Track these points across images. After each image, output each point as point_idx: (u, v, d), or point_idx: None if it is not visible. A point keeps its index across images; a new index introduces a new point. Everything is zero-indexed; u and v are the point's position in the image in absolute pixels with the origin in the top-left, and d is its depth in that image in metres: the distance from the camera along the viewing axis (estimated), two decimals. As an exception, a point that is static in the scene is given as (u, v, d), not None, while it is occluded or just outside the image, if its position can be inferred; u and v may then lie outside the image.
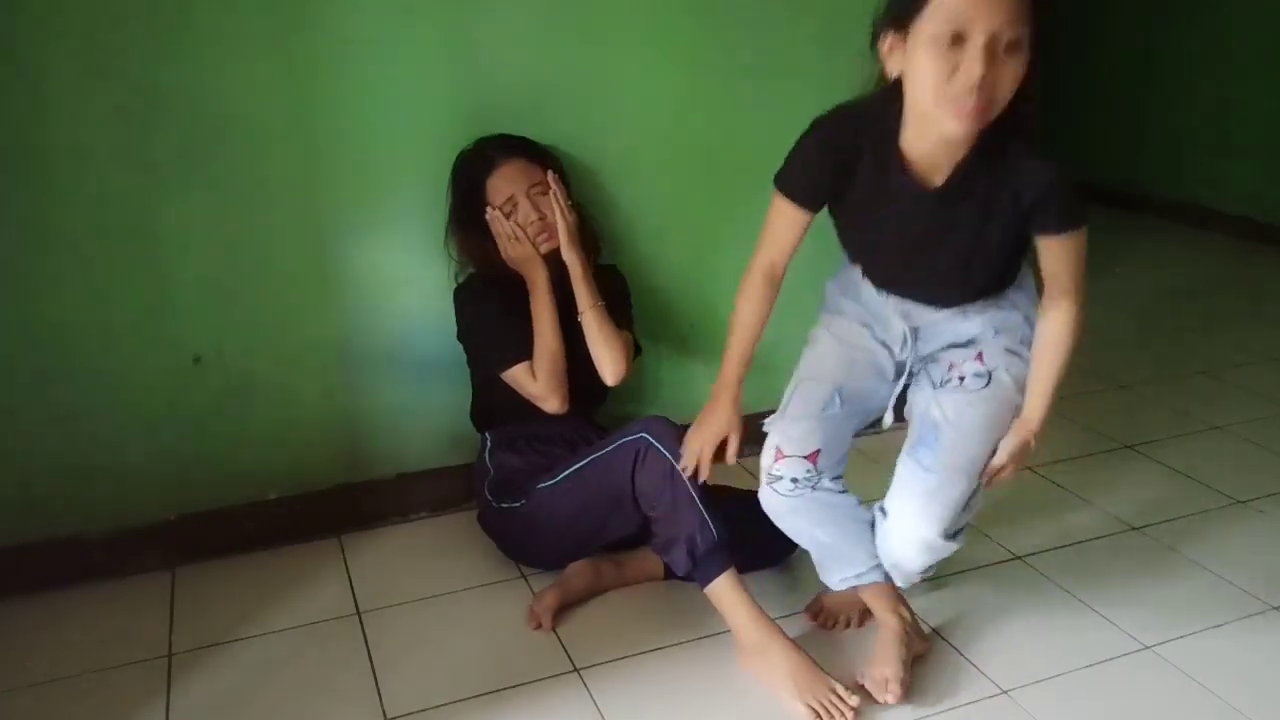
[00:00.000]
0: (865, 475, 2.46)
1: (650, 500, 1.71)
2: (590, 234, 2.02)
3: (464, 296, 1.99)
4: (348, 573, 2.02)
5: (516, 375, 1.92)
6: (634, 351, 2.08)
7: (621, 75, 2.10)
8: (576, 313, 1.96)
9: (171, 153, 1.81)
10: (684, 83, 2.17)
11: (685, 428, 1.75)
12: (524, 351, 1.92)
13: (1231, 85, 4.75)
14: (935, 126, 1.37)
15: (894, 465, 2.48)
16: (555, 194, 1.90)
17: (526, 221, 1.89)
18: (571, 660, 1.76)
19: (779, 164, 2.31)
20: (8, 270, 1.78)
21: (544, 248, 1.92)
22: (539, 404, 1.93)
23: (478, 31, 1.95)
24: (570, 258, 1.92)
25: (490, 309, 1.95)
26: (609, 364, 1.95)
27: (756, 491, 2.11)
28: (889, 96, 1.42)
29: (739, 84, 2.21)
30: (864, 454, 2.58)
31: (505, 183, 1.90)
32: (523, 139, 1.96)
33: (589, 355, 2.04)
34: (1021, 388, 1.63)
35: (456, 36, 1.94)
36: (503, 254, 1.93)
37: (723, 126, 2.23)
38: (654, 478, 1.70)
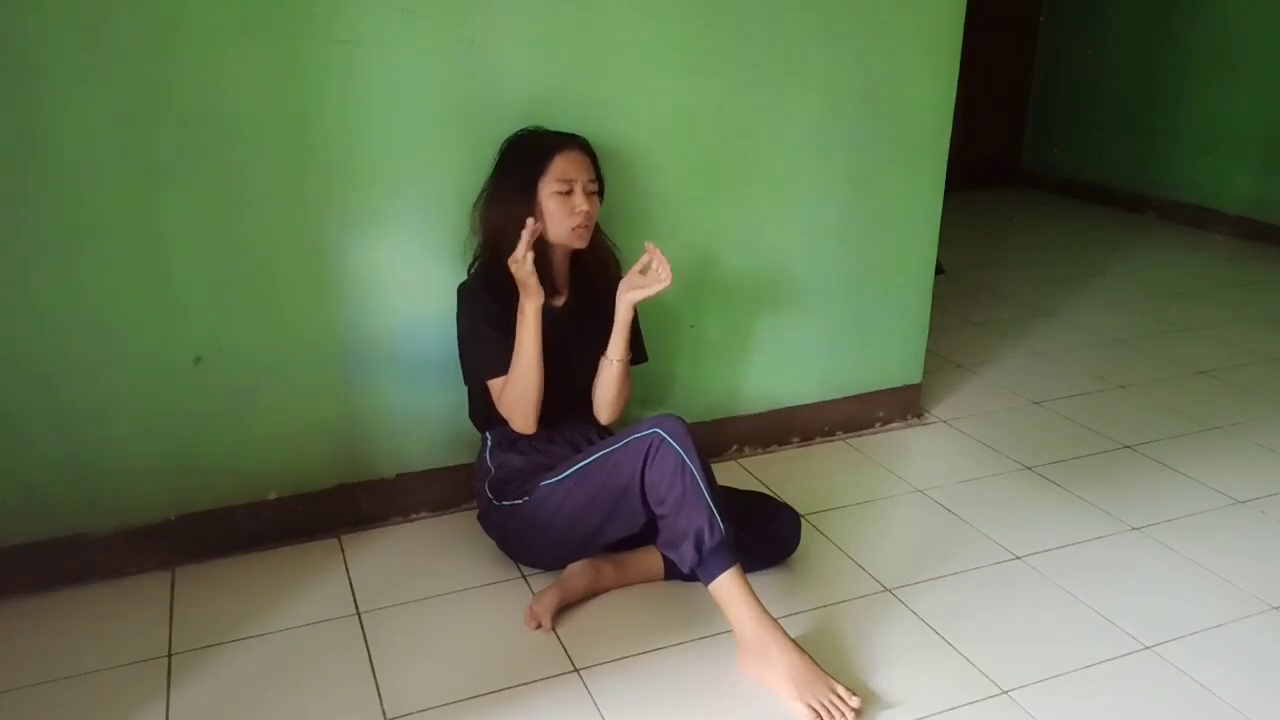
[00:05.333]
0: (864, 474, 2.47)
1: (659, 495, 1.71)
2: (610, 254, 2.05)
3: (462, 299, 1.98)
4: (348, 573, 2.02)
5: (493, 387, 1.95)
6: (643, 360, 2.11)
7: (622, 75, 2.11)
8: (578, 323, 1.98)
9: (171, 153, 1.81)
10: (685, 83, 2.17)
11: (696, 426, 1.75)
12: (502, 367, 1.92)
13: (1231, 85, 4.75)
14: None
15: (893, 465, 2.49)
16: (660, 255, 1.88)
17: (577, 208, 1.89)
18: (571, 660, 1.76)
19: (780, 164, 2.33)
20: (7, 270, 1.78)
21: (577, 243, 1.92)
22: (510, 422, 1.94)
23: (478, 31, 1.95)
24: (626, 313, 1.94)
25: (481, 317, 1.94)
26: (609, 411, 2.04)
27: (758, 491, 2.12)
28: None
29: (740, 83, 2.22)
30: (862, 453, 2.59)
31: (572, 166, 1.89)
32: (585, 139, 1.97)
33: (589, 359, 2.04)
34: None
35: (456, 36, 1.94)
36: (510, 260, 1.86)
37: (723, 126, 2.24)
38: (665, 472, 1.70)
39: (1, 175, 1.73)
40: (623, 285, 1.94)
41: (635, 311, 1.96)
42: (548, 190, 1.88)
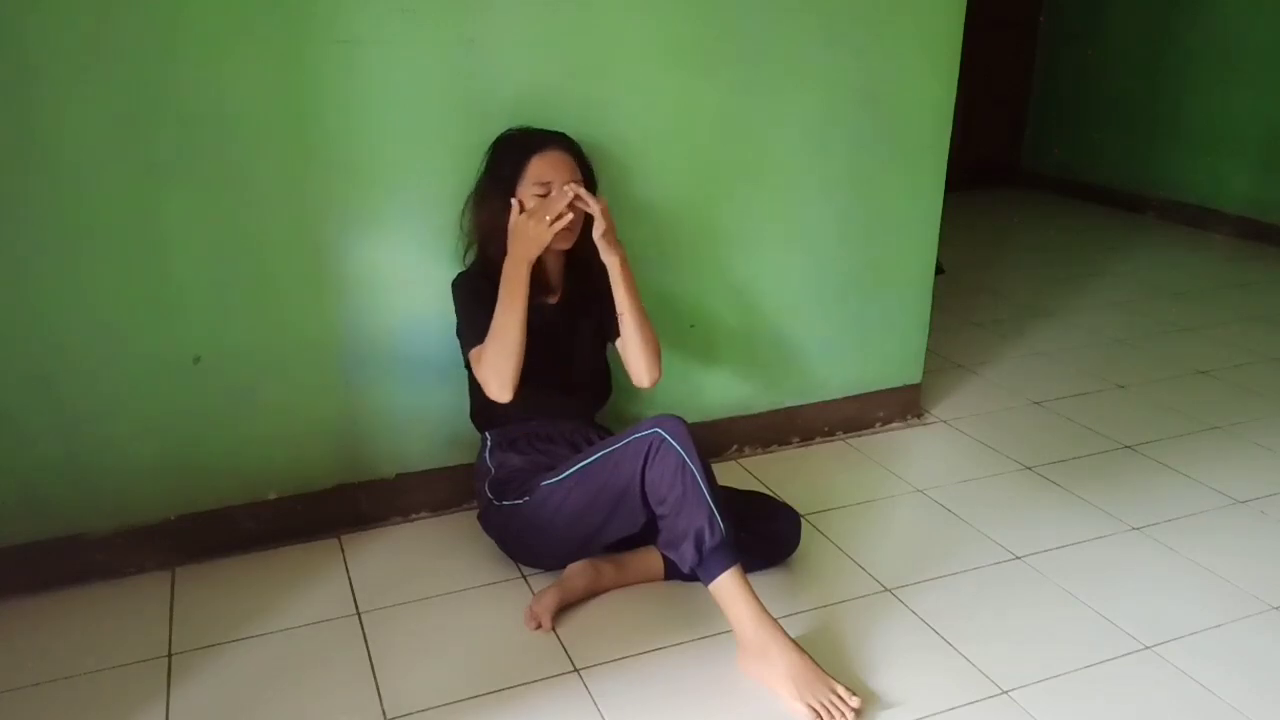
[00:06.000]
0: (864, 474, 2.47)
1: (660, 495, 1.71)
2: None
3: (456, 287, 1.97)
4: (348, 573, 2.02)
5: (472, 355, 1.88)
6: None
7: (621, 76, 2.11)
8: (572, 321, 1.97)
9: (171, 153, 1.81)
10: (685, 83, 2.17)
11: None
12: (483, 337, 1.86)
13: (1231, 85, 4.75)
14: None
15: (893, 465, 2.49)
16: (587, 195, 1.84)
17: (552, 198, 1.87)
18: (571, 660, 1.76)
19: (780, 164, 2.33)
20: (7, 271, 1.78)
21: (561, 244, 1.89)
22: (484, 388, 1.86)
23: (478, 31, 1.95)
24: (612, 257, 1.89)
25: (474, 297, 1.92)
26: (645, 366, 1.98)
27: (758, 491, 2.11)
28: None
29: (740, 84, 2.22)
30: (862, 453, 2.59)
31: (548, 166, 1.87)
32: (570, 138, 1.95)
33: (586, 355, 2.04)
34: None
35: (456, 36, 1.94)
36: (511, 223, 1.84)
37: (723, 126, 2.24)
38: (665, 472, 1.70)
39: (1, 175, 1.73)
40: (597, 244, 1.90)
41: (621, 256, 1.90)
42: (526, 194, 1.86)
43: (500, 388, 1.83)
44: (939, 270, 2.70)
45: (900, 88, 2.39)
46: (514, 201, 1.85)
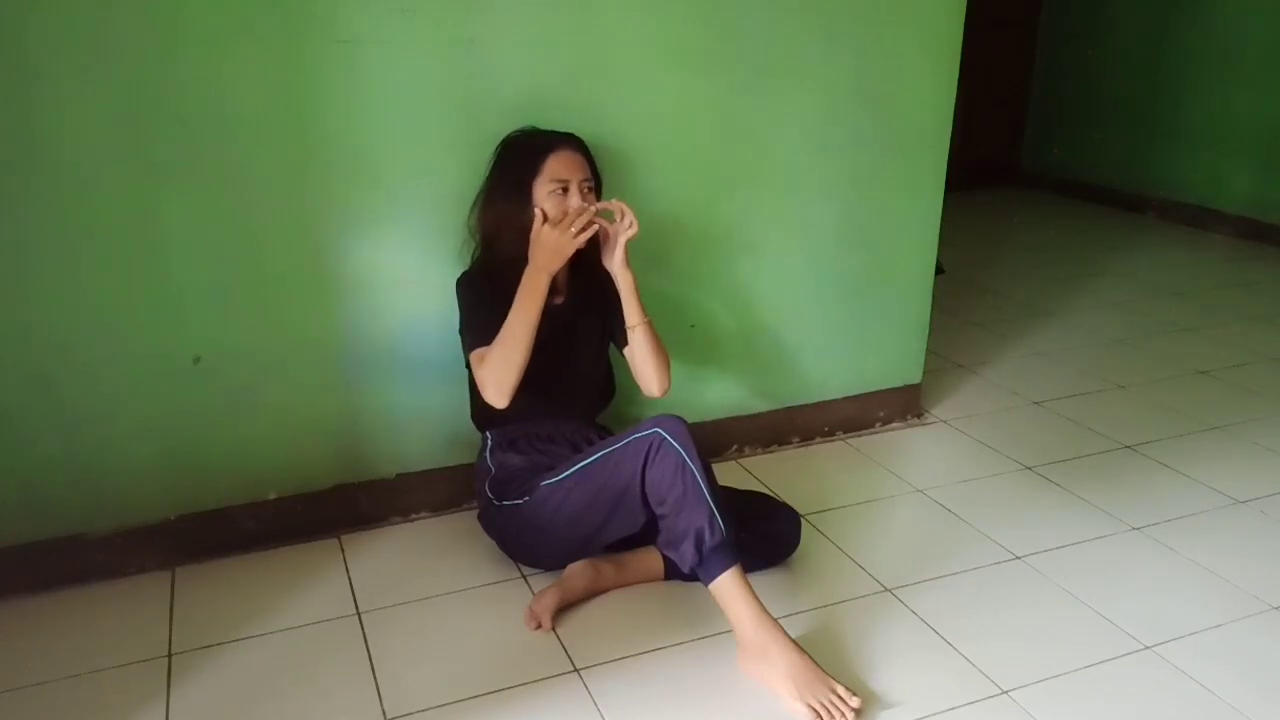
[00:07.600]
0: (864, 474, 2.47)
1: (660, 495, 1.71)
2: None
3: (460, 286, 1.97)
4: (348, 573, 2.02)
5: (475, 356, 1.88)
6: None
7: (621, 76, 2.11)
8: (576, 321, 1.97)
9: (171, 153, 1.81)
10: (684, 83, 2.17)
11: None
12: (486, 339, 1.86)
13: (1231, 85, 4.75)
14: None
15: (893, 465, 2.49)
16: (621, 205, 1.88)
17: (573, 208, 1.86)
18: (571, 660, 1.76)
19: (780, 164, 2.33)
20: (7, 271, 1.78)
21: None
22: (481, 390, 1.86)
23: (478, 31, 1.95)
24: (625, 274, 1.92)
25: (478, 297, 1.92)
26: (656, 378, 1.99)
27: (758, 491, 2.11)
28: None
29: (739, 84, 2.22)
30: (862, 453, 2.59)
31: (564, 166, 1.87)
32: (579, 137, 1.95)
33: (588, 355, 2.04)
34: None
35: (456, 36, 1.94)
36: (534, 234, 1.83)
37: (723, 126, 2.24)
38: (665, 472, 1.70)
39: (1, 175, 1.73)
40: (605, 258, 1.93)
41: (632, 271, 1.93)
42: (542, 191, 1.86)
43: (498, 392, 1.83)
44: (939, 270, 2.70)
45: (900, 88, 2.39)
46: (537, 211, 1.85)
